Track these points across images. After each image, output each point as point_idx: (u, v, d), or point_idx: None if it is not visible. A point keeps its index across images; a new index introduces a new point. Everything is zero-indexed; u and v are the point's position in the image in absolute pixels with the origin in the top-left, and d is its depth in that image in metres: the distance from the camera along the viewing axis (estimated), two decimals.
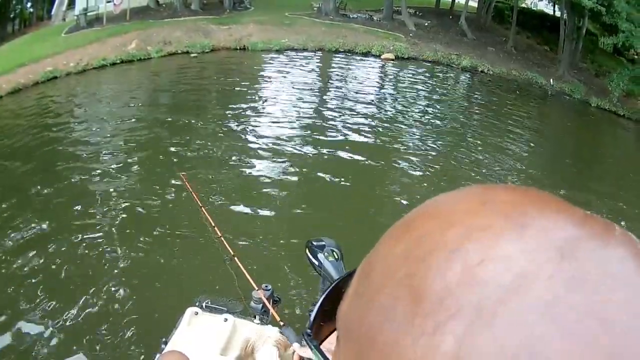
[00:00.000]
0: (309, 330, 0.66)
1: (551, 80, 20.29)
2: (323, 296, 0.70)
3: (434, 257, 0.32)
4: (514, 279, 0.29)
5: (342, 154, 9.45)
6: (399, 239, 0.36)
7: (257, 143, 9.70)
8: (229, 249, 2.21)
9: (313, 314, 0.68)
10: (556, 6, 27.43)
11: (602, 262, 0.30)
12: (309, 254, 1.72)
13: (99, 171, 8.19)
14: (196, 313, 2.66)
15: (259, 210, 7.00)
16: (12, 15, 21.34)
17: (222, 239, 2.22)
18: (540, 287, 0.29)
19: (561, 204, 0.34)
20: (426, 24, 24.68)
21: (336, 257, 1.63)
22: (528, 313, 0.28)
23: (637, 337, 0.27)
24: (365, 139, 10.52)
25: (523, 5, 30.01)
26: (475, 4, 27.22)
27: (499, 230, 0.32)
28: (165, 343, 2.52)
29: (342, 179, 8.29)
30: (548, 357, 0.27)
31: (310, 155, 9.27)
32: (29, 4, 22.40)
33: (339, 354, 0.39)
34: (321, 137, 10.23)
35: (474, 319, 0.29)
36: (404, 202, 7.74)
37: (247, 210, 6.97)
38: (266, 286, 2.18)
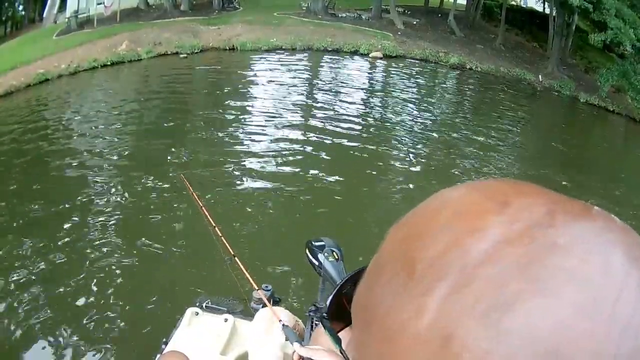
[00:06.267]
0: (325, 314, 0.70)
1: (540, 76, 20.36)
2: (337, 287, 0.74)
3: (427, 234, 0.36)
4: (494, 244, 0.33)
5: (334, 153, 9.49)
6: (400, 228, 0.41)
7: (250, 142, 9.72)
8: (230, 249, 2.23)
9: (329, 300, 0.73)
10: (545, 3, 27.54)
11: (578, 232, 0.33)
12: (309, 254, 1.73)
13: (93, 173, 8.17)
14: (196, 313, 2.67)
15: (256, 210, 7.03)
16: (4, 18, 21.24)
17: (223, 238, 2.24)
18: (518, 251, 0.32)
19: (542, 189, 0.38)
20: (415, 22, 24.69)
21: (336, 257, 1.64)
22: (504, 272, 0.31)
23: (608, 292, 0.30)
24: (356, 138, 10.54)
25: (512, 2, 30.11)
26: (464, 2, 27.24)
27: (484, 207, 0.36)
28: (165, 343, 2.51)
29: (335, 178, 8.33)
30: (521, 309, 0.30)
31: (304, 153, 9.30)
32: (20, 7, 22.29)
33: (351, 338, 0.44)
34: (313, 136, 10.25)
35: (456, 280, 0.32)
36: (398, 197, 7.81)
37: (246, 210, 6.98)
38: (266, 286, 2.20)
